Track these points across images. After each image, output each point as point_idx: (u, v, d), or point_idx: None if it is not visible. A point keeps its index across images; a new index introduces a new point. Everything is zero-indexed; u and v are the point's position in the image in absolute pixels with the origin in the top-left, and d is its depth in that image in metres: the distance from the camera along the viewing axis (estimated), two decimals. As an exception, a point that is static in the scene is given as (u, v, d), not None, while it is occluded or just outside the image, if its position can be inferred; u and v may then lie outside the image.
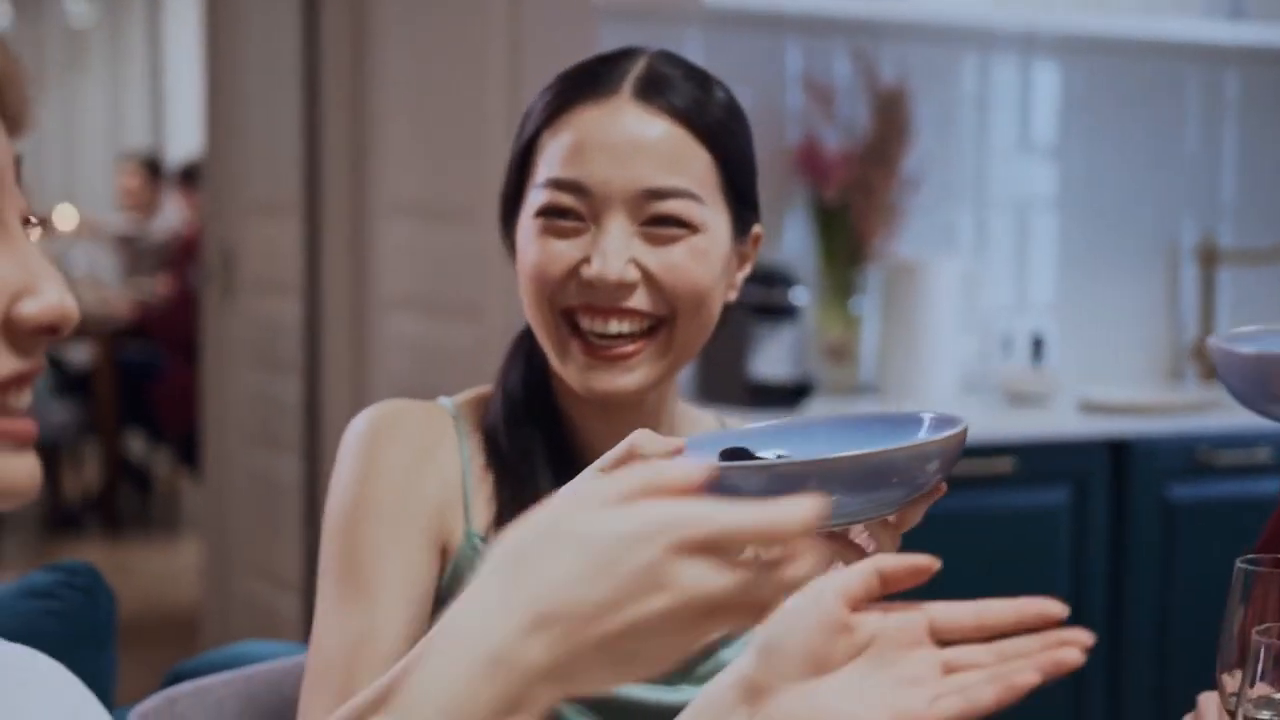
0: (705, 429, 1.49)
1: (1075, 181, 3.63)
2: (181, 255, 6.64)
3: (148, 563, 6.09)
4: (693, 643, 0.78)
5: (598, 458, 1.39)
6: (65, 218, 8.03)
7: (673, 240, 1.35)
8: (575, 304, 1.37)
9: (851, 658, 0.90)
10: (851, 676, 0.90)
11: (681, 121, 1.36)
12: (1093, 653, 2.92)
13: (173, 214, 7.19)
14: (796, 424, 1.18)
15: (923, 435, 1.12)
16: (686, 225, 1.36)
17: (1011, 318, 3.52)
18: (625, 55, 1.40)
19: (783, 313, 3.11)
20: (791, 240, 3.32)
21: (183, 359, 6.28)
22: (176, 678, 1.58)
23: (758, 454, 1.11)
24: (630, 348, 1.36)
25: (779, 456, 1.11)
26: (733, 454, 1.11)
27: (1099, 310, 3.65)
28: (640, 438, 1.08)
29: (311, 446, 4.14)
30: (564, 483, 1.37)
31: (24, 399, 0.81)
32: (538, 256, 1.37)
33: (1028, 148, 3.59)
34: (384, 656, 1.30)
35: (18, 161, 0.82)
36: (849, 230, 3.27)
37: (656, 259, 1.36)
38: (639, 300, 1.36)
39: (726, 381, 3.07)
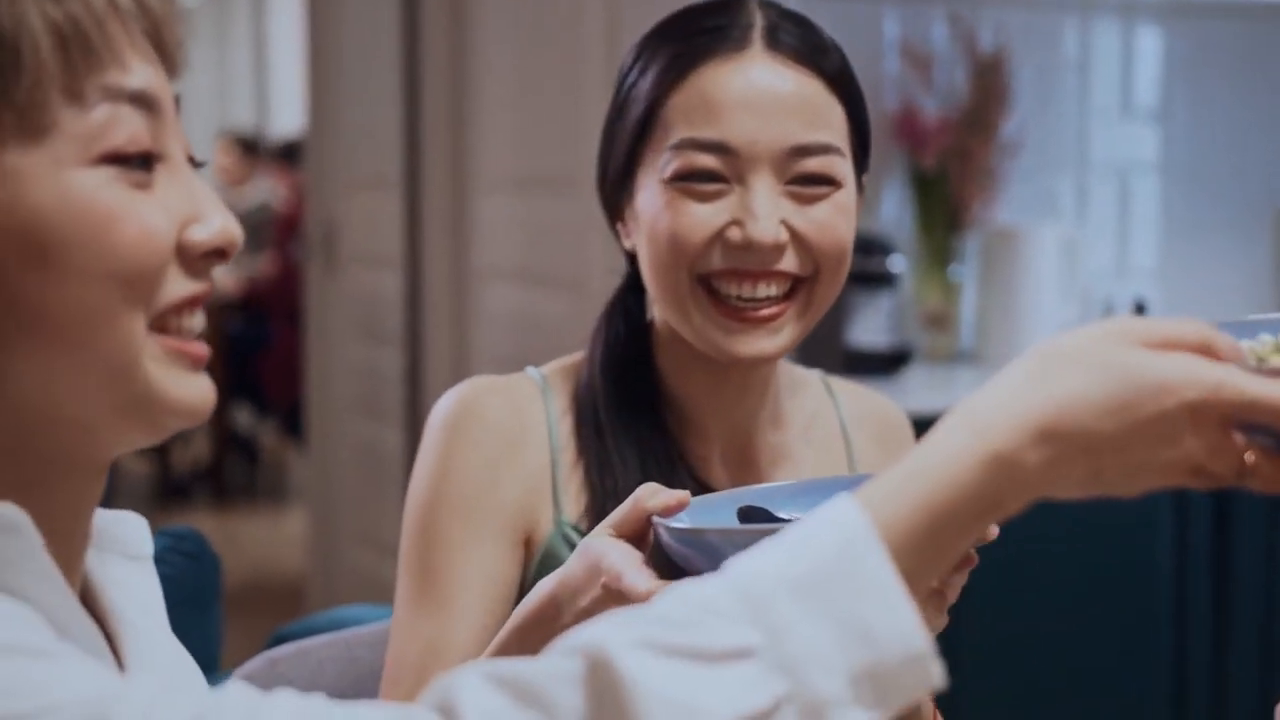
0: (810, 390, 1.47)
1: (1178, 146, 3.58)
2: (284, 231, 6.72)
3: (255, 532, 6.19)
4: (1163, 486, 0.80)
5: (696, 427, 1.39)
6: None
7: (819, 198, 1.30)
8: (719, 269, 1.31)
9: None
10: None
11: (815, 71, 1.31)
12: (1197, 630, 2.92)
13: (264, 189, 7.28)
14: (817, 485, 1.11)
15: None
16: (831, 181, 1.31)
17: (1112, 284, 3.49)
18: (731, 6, 1.34)
19: (880, 280, 3.10)
20: (889, 208, 3.31)
21: (288, 332, 6.36)
22: (279, 641, 1.61)
23: (777, 514, 1.07)
24: (774, 309, 1.31)
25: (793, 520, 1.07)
26: (749, 514, 1.07)
27: (1201, 276, 3.61)
28: (645, 492, 1.07)
29: (412, 417, 4.19)
30: (656, 461, 1.37)
31: (197, 321, 0.85)
32: (675, 222, 1.30)
33: (1129, 112, 3.55)
34: (456, 662, 1.28)
35: (177, 99, 0.86)
36: (947, 197, 3.25)
37: (804, 218, 1.30)
38: (787, 261, 1.31)
39: (824, 349, 3.06)
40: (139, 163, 0.82)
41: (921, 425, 1.49)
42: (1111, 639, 2.91)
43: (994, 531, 1.04)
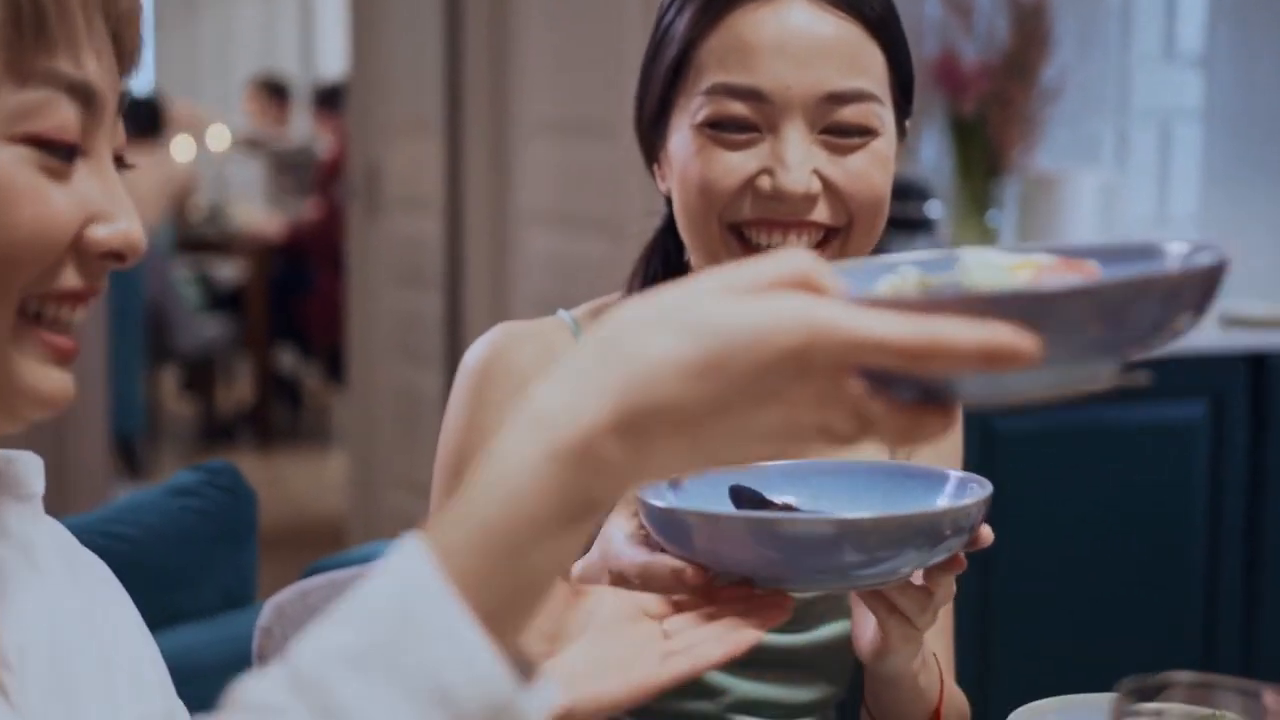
0: None
1: (1221, 92, 3.56)
2: (326, 176, 6.75)
3: (297, 474, 6.25)
4: (784, 455, 0.70)
5: None
6: (218, 138, 8.18)
7: (854, 147, 1.27)
8: (749, 218, 1.28)
9: (580, 631, 0.96)
10: (582, 650, 0.95)
11: (854, 16, 1.27)
12: (1228, 568, 2.92)
13: (307, 134, 7.31)
14: (810, 469, 1.12)
15: (944, 500, 1.07)
16: (867, 130, 1.27)
17: (1152, 232, 3.47)
18: None
19: (918, 226, 3.10)
20: (927, 153, 3.30)
21: (330, 276, 6.40)
22: (313, 574, 1.64)
23: (767, 497, 1.07)
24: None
25: (785, 506, 1.07)
26: (739, 494, 1.06)
27: (1242, 223, 3.58)
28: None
29: (452, 361, 4.22)
30: None
31: (75, 316, 0.83)
32: (706, 169, 1.27)
33: (1172, 57, 3.52)
34: None
35: (123, 98, 0.86)
36: (986, 143, 3.24)
37: (839, 168, 1.27)
38: (819, 212, 1.28)
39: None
40: (60, 152, 0.81)
41: None
42: (1143, 564, 2.92)
43: (988, 535, 1.04)
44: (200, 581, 1.77)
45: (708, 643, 0.94)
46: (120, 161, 0.87)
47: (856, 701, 1.40)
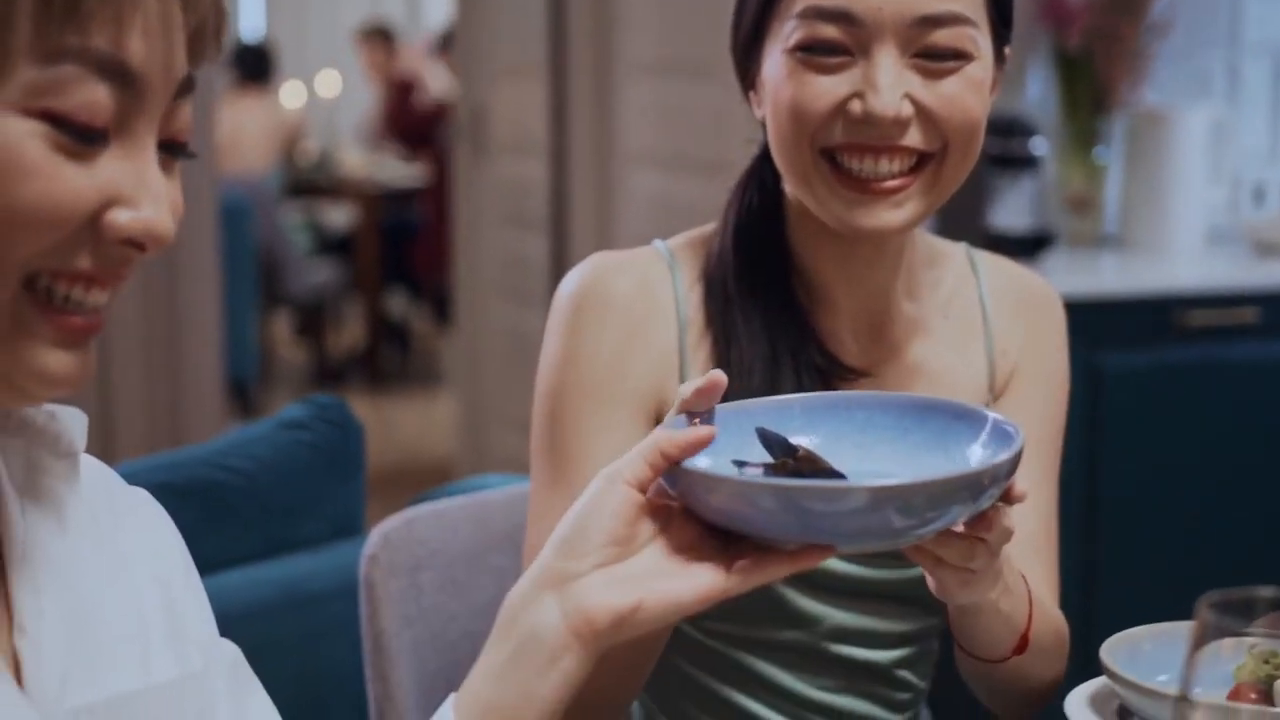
0: (952, 262, 1.44)
1: (1337, 24, 3.48)
2: (440, 119, 6.80)
3: (406, 416, 6.33)
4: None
5: (826, 300, 1.37)
6: (328, 85, 8.26)
7: (947, 71, 1.26)
8: (840, 142, 1.27)
9: (651, 539, 0.96)
10: (651, 556, 0.95)
11: None
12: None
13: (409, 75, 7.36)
14: (835, 402, 1.07)
15: (977, 452, 1.02)
16: (961, 54, 1.26)
17: (1264, 167, 3.42)
18: None
19: (1022, 163, 3.07)
20: (1032, 89, 3.27)
21: (440, 219, 6.46)
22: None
23: (790, 440, 1.02)
24: (898, 183, 1.27)
25: (805, 453, 1.01)
26: (764, 436, 1.02)
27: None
28: (662, 436, 0.97)
29: (558, 302, 4.25)
30: (785, 334, 1.37)
31: (91, 298, 0.81)
32: (797, 94, 1.27)
33: (1285, -10, 3.46)
34: None
35: (187, 84, 0.83)
36: (1092, 78, 3.20)
37: (931, 92, 1.26)
38: (911, 137, 1.26)
39: (964, 232, 3.03)
40: (82, 133, 0.78)
41: (1066, 310, 1.49)
42: (1250, 499, 2.90)
43: (1021, 491, 1.03)
44: (310, 513, 1.81)
45: (778, 557, 0.95)
46: (183, 148, 0.84)
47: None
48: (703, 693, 1.39)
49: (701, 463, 0.98)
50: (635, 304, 1.35)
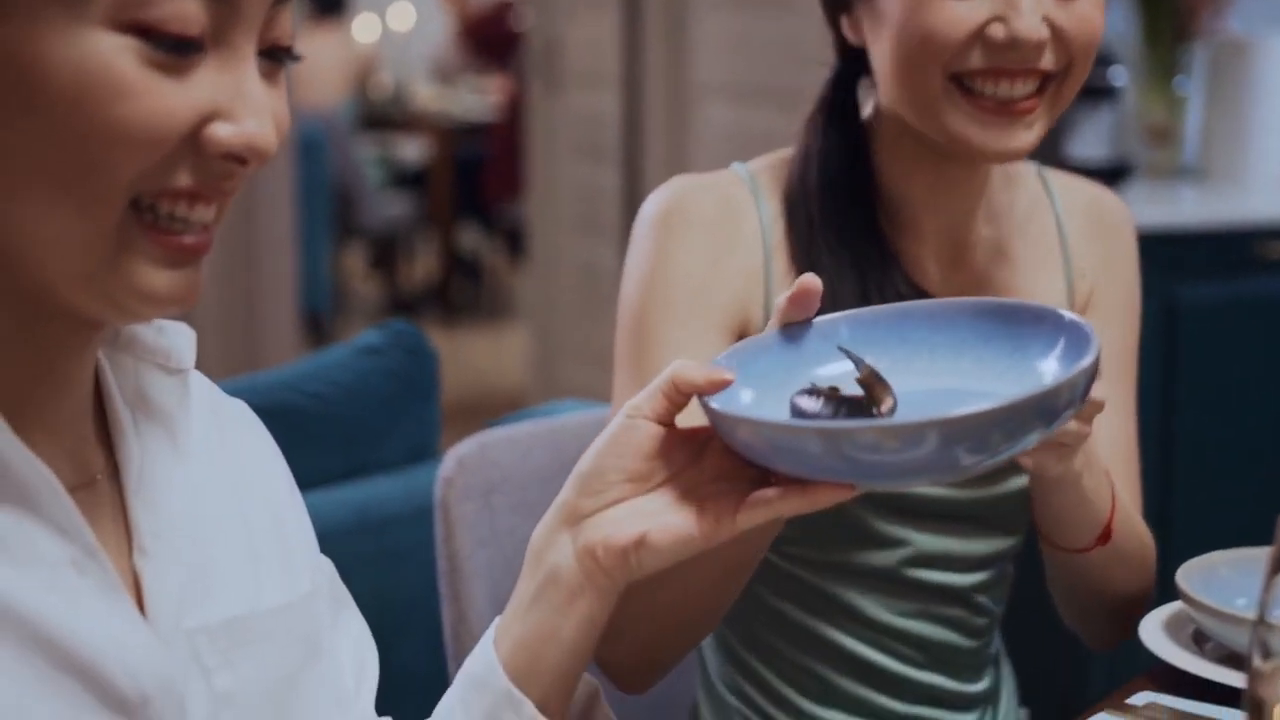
0: (1025, 183, 1.43)
1: None
2: (514, 52, 6.79)
3: (479, 349, 6.36)
4: None
5: (910, 225, 1.37)
6: (401, 18, 8.26)
7: None
8: (977, 67, 1.27)
9: (681, 470, 0.93)
10: (673, 489, 0.92)
11: None
12: None
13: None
14: (889, 315, 1.01)
15: (1051, 366, 0.94)
16: None
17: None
18: None
19: (1101, 93, 3.04)
20: (1112, 19, 3.21)
21: (513, 152, 6.46)
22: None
23: (852, 353, 0.97)
24: (1030, 104, 1.27)
25: (865, 370, 0.95)
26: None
27: None
28: (681, 368, 0.94)
29: (630, 234, 4.25)
30: (870, 261, 1.36)
31: (196, 215, 0.79)
32: (933, 20, 1.26)
33: (1375, -85, 3.38)
34: None
35: None
36: (1174, 7, 3.15)
37: (1065, 13, 1.26)
38: (1045, 59, 1.26)
39: (1042, 162, 3.03)
40: (175, 45, 0.76)
41: (1142, 242, 1.48)
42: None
43: (1100, 397, 1.04)
44: (386, 437, 1.82)
45: (792, 493, 0.90)
46: (288, 52, 0.82)
47: (1032, 552, 1.41)
48: (780, 619, 1.40)
49: (746, 395, 0.95)
50: (721, 224, 1.35)
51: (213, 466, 0.93)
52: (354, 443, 1.78)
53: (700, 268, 1.33)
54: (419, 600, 1.74)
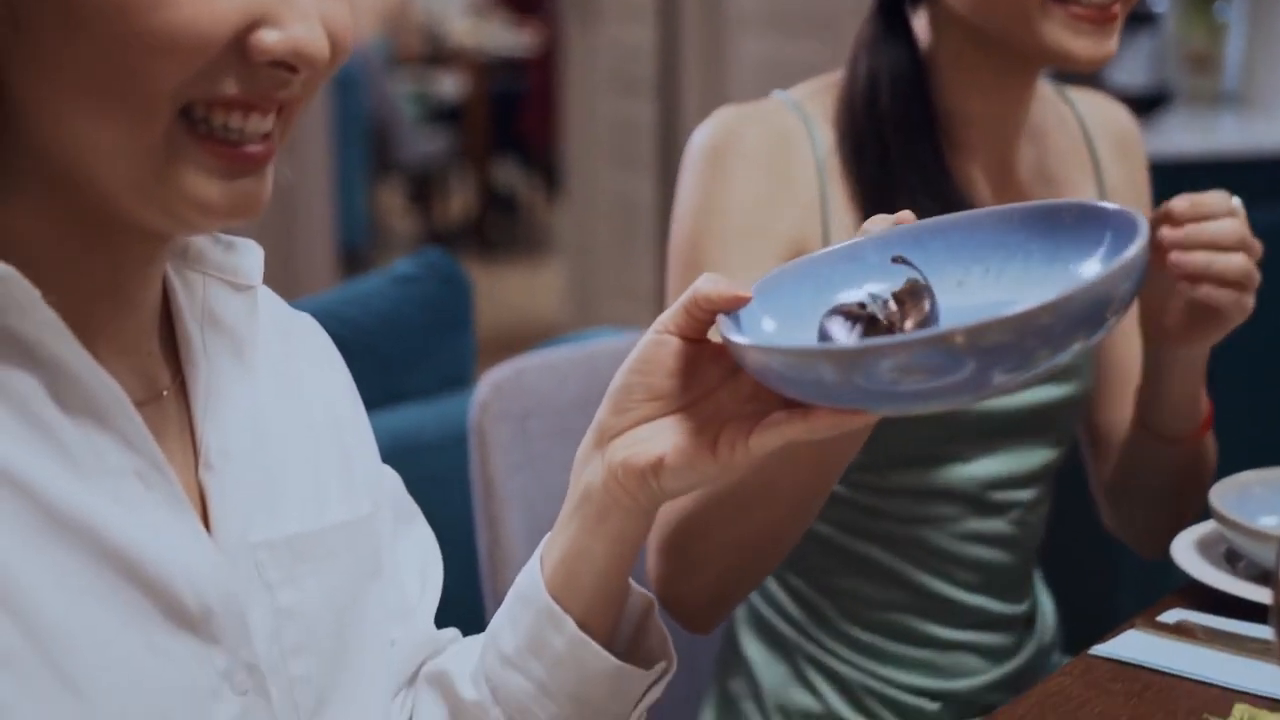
0: (1049, 98, 1.44)
1: None
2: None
3: (516, 284, 6.37)
4: None
5: (960, 144, 1.37)
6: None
7: None
8: None
9: (702, 394, 0.89)
10: (696, 414, 0.88)
11: None
12: None
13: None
14: (930, 228, 0.94)
15: (1095, 264, 0.85)
16: None
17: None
18: None
19: (1141, 20, 3.01)
20: (1153, -57, 3.19)
21: (549, 87, 6.44)
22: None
23: (920, 270, 0.90)
24: (1116, 8, 1.29)
25: (907, 282, 0.88)
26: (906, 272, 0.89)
27: None
28: (703, 282, 0.89)
29: (665, 168, 4.23)
30: (926, 181, 1.34)
31: (251, 125, 0.78)
32: None
33: None
34: None
35: None
36: (1215, -69, 3.12)
37: None
38: None
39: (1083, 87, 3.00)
40: None
41: (1182, 170, 1.48)
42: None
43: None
44: (421, 365, 1.83)
45: (797, 416, 0.85)
46: None
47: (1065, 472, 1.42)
48: (829, 543, 1.41)
49: (769, 324, 0.90)
50: (774, 156, 1.35)
51: (279, 384, 0.93)
52: (389, 370, 1.79)
53: (754, 203, 1.33)
54: (454, 526, 1.74)
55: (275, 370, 0.93)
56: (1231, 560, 1.25)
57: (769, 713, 1.42)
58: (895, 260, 0.90)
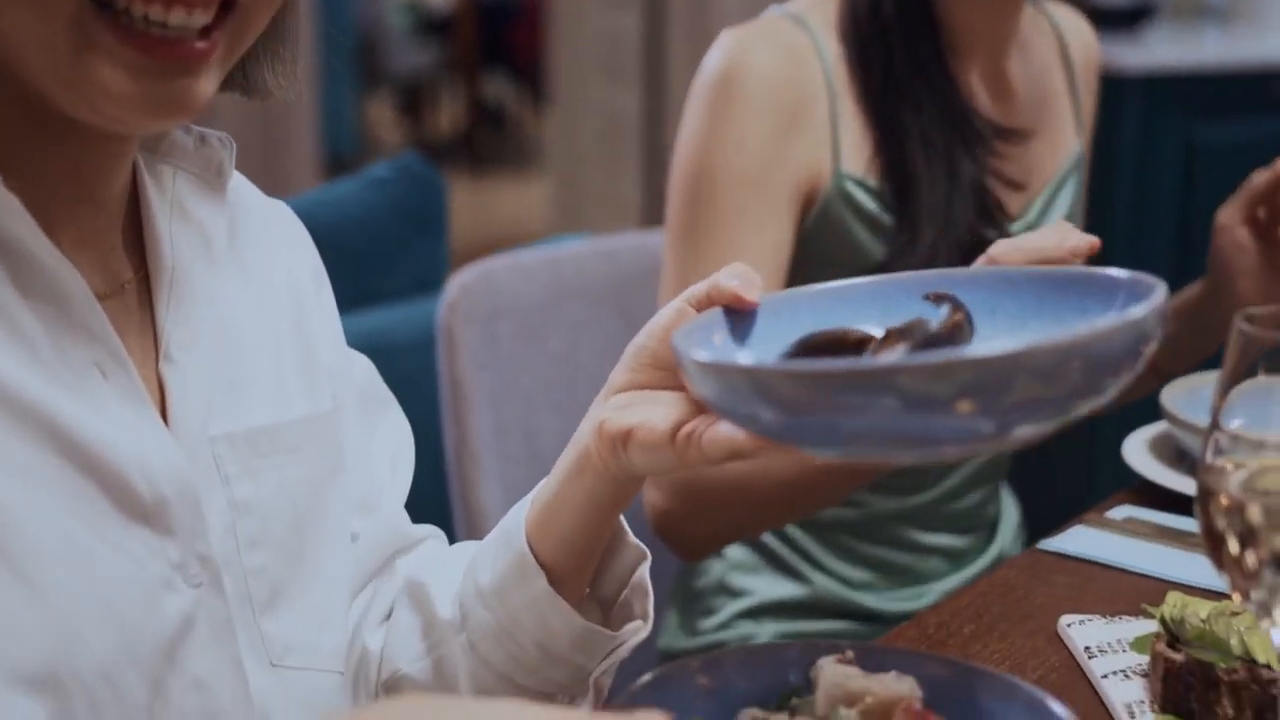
0: (1032, 15, 1.46)
1: None
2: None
3: (504, 197, 6.36)
4: None
5: (959, 54, 1.37)
6: None
7: None
8: None
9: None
10: (689, 396, 0.83)
11: None
12: None
13: None
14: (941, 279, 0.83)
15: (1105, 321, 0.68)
16: None
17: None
18: None
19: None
20: None
21: (538, 1, 6.41)
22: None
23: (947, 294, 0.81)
24: None
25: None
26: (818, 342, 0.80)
27: None
28: (726, 271, 0.84)
29: (652, 81, 4.22)
30: (932, 92, 1.33)
31: (175, 19, 0.75)
32: None
33: None
34: None
35: None
36: None
37: None
38: None
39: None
40: None
41: (1162, 83, 1.49)
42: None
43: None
44: (394, 267, 1.84)
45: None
46: None
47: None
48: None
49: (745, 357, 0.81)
50: (786, 78, 1.33)
51: (246, 278, 0.92)
52: (361, 272, 1.80)
53: (766, 139, 1.31)
54: (423, 428, 1.75)
55: (243, 264, 0.93)
56: (1182, 459, 1.27)
57: (733, 601, 1.45)
58: (930, 298, 0.80)
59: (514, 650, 0.91)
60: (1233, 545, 0.70)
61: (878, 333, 0.78)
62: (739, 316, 0.83)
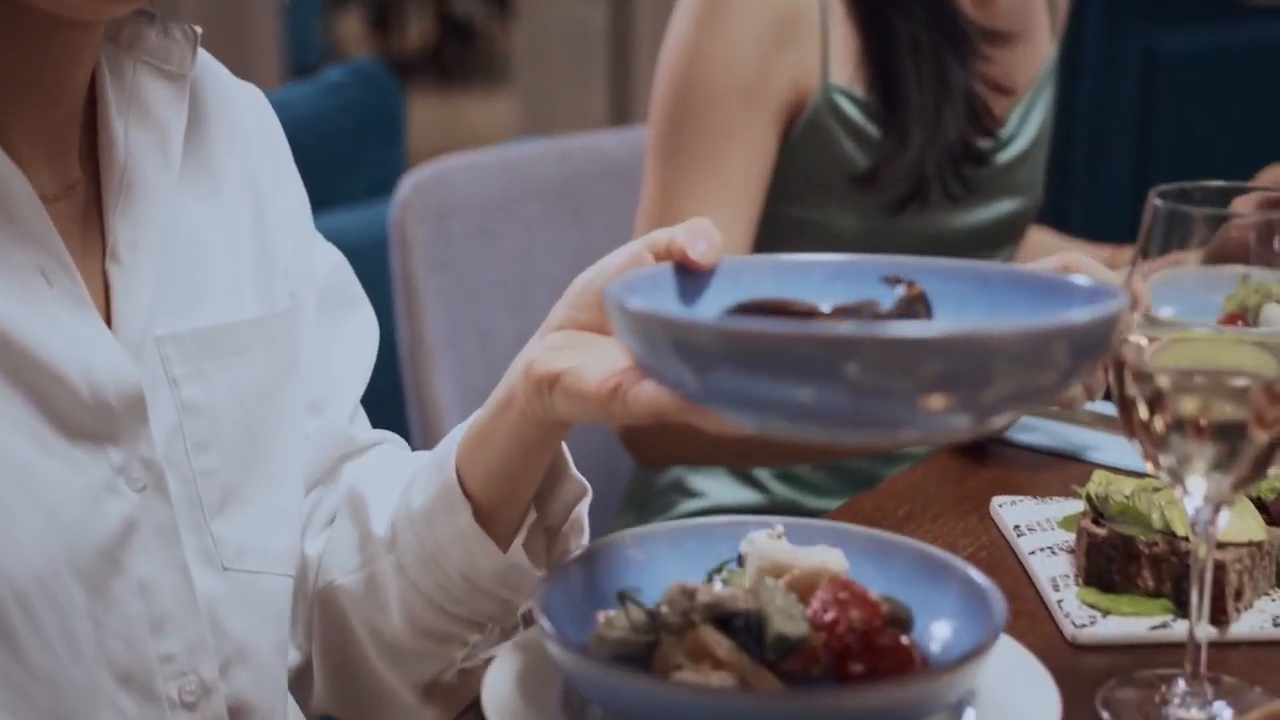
0: None
1: None
2: None
3: (473, 113, 6.34)
4: None
5: None
6: None
7: None
8: None
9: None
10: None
11: None
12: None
13: None
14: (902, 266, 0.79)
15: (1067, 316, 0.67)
16: None
17: None
18: None
19: None
20: None
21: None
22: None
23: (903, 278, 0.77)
24: None
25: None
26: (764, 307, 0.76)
27: None
28: (688, 225, 0.80)
29: (618, -10, 4.21)
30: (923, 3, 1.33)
31: None
32: None
33: None
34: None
35: None
36: None
37: None
38: None
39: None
40: None
41: None
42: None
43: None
44: (350, 171, 1.84)
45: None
46: None
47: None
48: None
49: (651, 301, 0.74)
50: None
51: (205, 175, 0.90)
52: (317, 175, 1.78)
53: (753, 53, 1.29)
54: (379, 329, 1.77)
55: (205, 159, 0.91)
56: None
57: (687, 501, 1.47)
58: (888, 280, 0.77)
59: (440, 579, 0.89)
60: (1142, 410, 0.72)
61: (825, 308, 0.75)
62: (693, 276, 0.79)
